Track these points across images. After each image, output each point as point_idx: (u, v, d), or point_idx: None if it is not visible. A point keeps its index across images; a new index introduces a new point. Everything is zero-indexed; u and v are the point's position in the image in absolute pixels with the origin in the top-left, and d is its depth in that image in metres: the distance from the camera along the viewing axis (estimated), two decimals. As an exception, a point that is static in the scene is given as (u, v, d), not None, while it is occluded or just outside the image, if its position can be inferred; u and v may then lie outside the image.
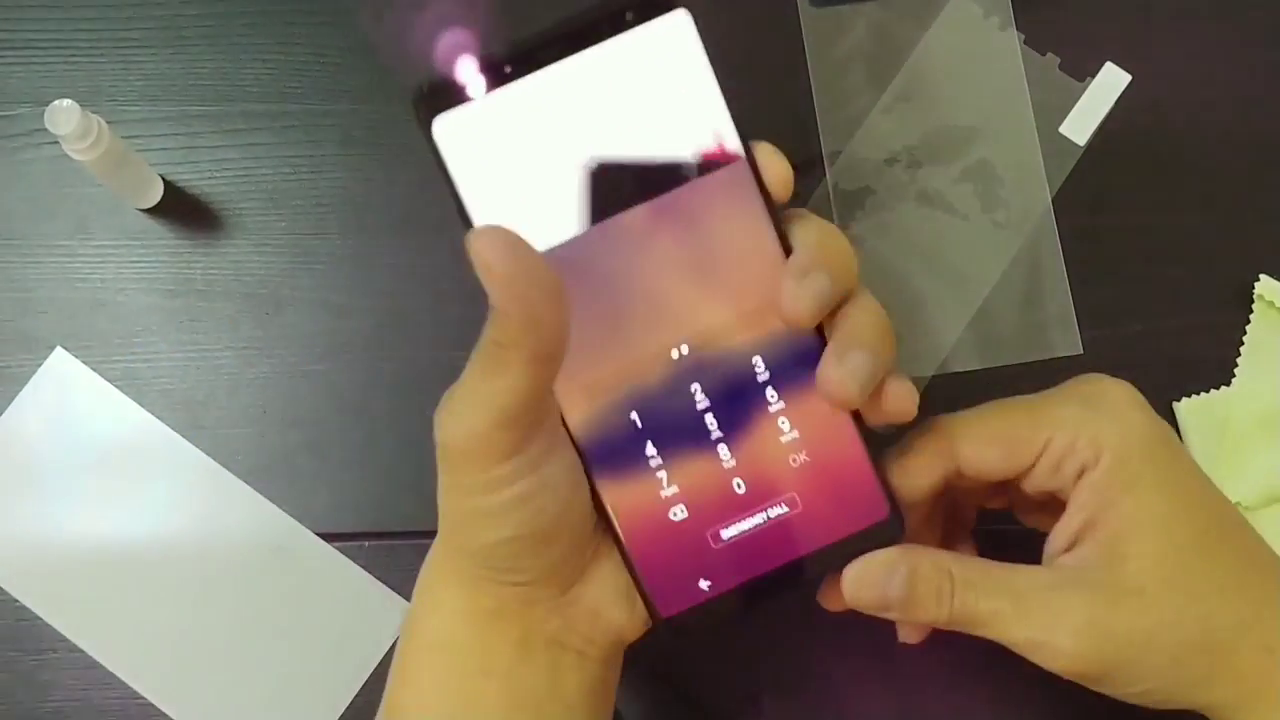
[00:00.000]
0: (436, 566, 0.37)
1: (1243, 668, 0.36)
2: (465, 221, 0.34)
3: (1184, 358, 0.50)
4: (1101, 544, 0.36)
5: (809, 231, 0.35)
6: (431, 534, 0.49)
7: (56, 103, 0.43)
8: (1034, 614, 0.36)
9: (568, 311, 0.31)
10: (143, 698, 0.47)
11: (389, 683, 0.38)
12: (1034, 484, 0.38)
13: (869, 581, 0.37)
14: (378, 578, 0.48)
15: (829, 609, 0.39)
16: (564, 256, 0.34)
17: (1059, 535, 0.38)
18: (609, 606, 0.37)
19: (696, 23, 0.35)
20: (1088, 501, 0.37)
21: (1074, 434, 0.37)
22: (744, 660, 0.48)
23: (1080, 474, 0.37)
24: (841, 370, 0.34)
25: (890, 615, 0.37)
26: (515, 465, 0.33)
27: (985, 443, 0.38)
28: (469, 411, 0.32)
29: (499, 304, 0.31)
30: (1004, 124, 0.51)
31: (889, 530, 0.37)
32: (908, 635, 0.41)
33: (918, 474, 0.38)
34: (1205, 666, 0.36)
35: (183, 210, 0.50)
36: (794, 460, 0.36)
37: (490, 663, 0.36)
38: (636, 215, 0.34)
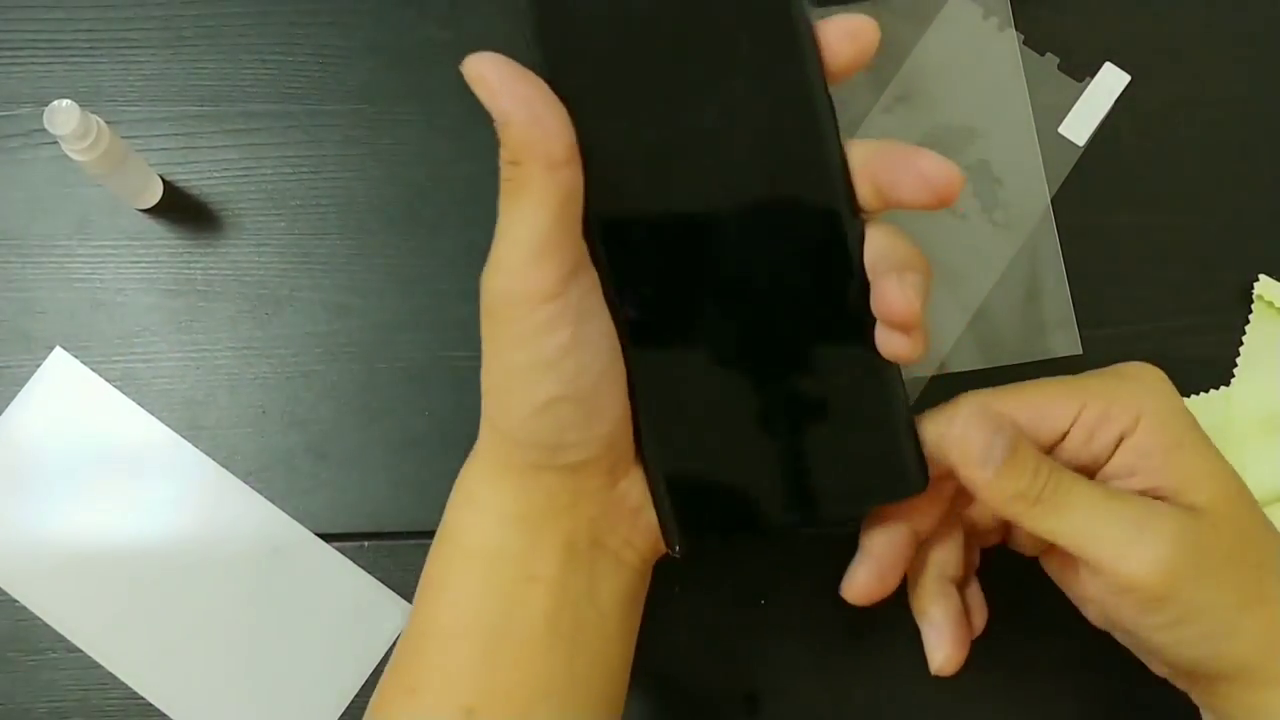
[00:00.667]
0: (479, 470, 0.37)
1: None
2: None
3: (1183, 358, 0.50)
4: (1162, 494, 0.37)
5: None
6: (431, 533, 0.49)
7: (56, 103, 0.43)
8: (1125, 513, 0.36)
9: (567, 117, 0.32)
10: (142, 698, 0.47)
11: (418, 597, 0.38)
12: (1067, 455, 0.38)
13: (974, 435, 0.36)
14: (378, 578, 0.48)
15: (853, 599, 0.39)
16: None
17: None
18: (649, 507, 0.37)
19: None
20: (1135, 465, 0.37)
21: (1108, 402, 0.37)
22: (744, 660, 0.48)
23: (1118, 441, 0.37)
24: (904, 289, 0.35)
25: (976, 479, 0.36)
26: (557, 309, 0.33)
27: (1016, 409, 0.38)
28: (504, 253, 0.33)
29: (500, 111, 0.32)
30: (1003, 124, 0.51)
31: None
32: (947, 656, 0.41)
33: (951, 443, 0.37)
34: (1263, 622, 0.36)
35: (182, 210, 0.50)
36: (834, 406, 0.36)
37: (536, 567, 0.36)
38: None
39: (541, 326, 0.33)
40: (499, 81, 0.33)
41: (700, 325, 0.36)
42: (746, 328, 0.36)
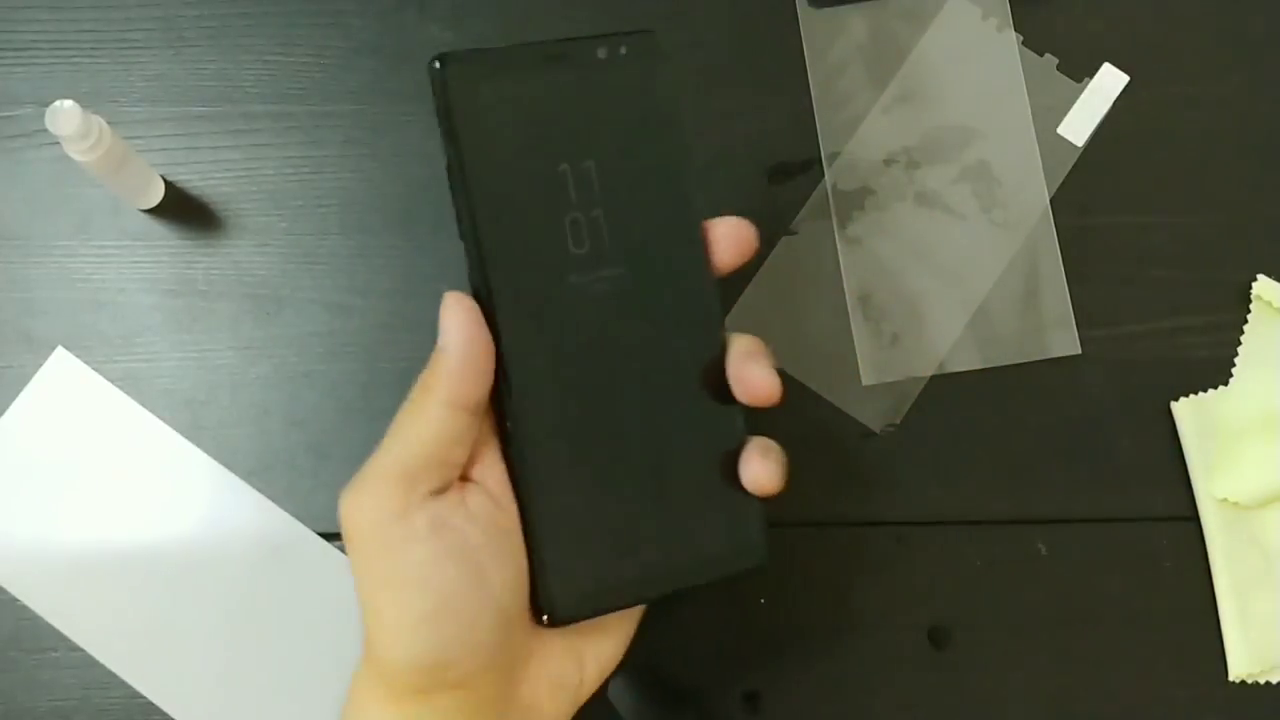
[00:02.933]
0: (369, 704, 0.36)
1: None
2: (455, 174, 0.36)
3: (1181, 358, 0.50)
4: None
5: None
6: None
7: (57, 103, 0.43)
8: None
9: (489, 376, 0.35)
10: (143, 697, 0.47)
11: None
12: None
13: None
14: (378, 577, 0.48)
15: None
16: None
17: None
18: (548, 699, 0.37)
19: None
20: None
21: None
22: (744, 660, 0.48)
23: None
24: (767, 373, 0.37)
25: None
26: (422, 519, 0.34)
27: None
28: (371, 468, 0.35)
29: (443, 340, 0.35)
30: (1002, 125, 0.52)
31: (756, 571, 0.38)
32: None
33: None
34: None
35: (184, 211, 0.50)
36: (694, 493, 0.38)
37: None
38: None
39: (400, 541, 0.34)
40: (456, 317, 0.35)
41: (590, 434, 0.37)
42: (627, 438, 0.37)
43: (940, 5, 0.52)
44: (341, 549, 0.48)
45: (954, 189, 0.51)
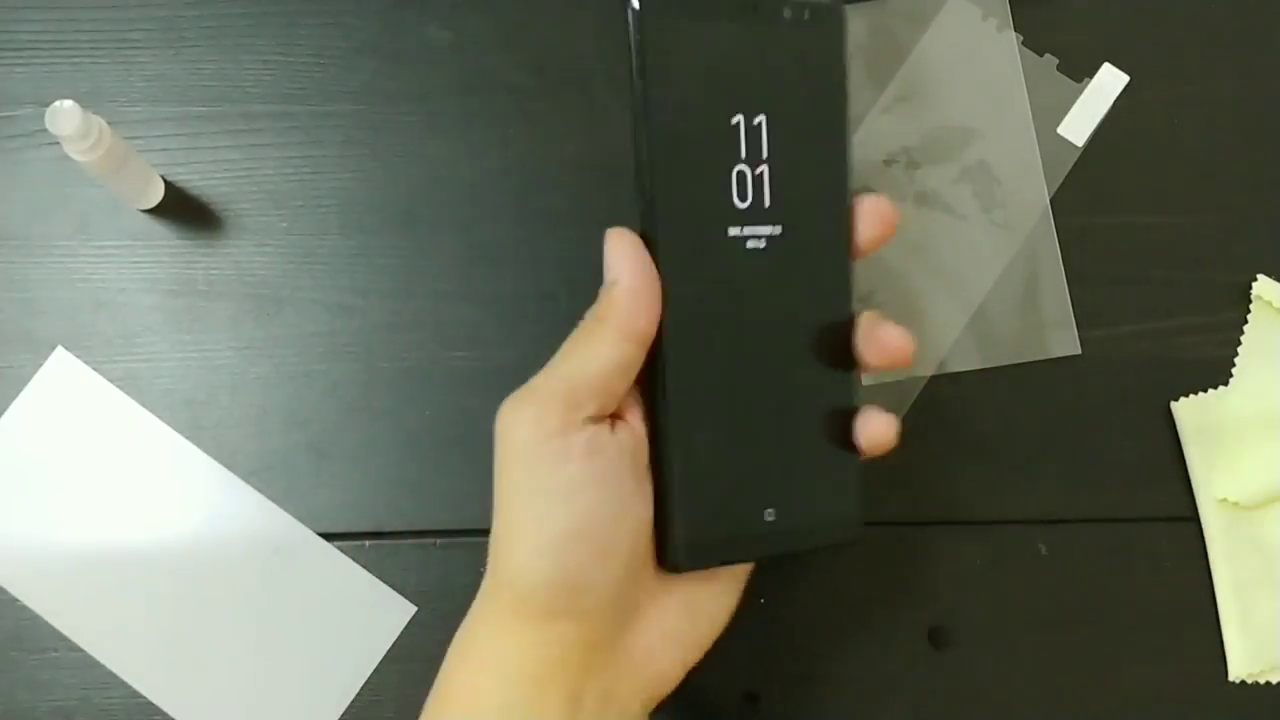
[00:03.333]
0: (481, 626, 0.37)
1: None
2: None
3: (1182, 358, 0.50)
4: None
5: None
6: (431, 533, 0.49)
7: (57, 104, 0.43)
8: None
9: (658, 308, 0.36)
10: (143, 697, 0.47)
11: None
12: None
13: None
14: (378, 578, 0.48)
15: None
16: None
17: None
18: (660, 654, 0.37)
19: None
20: None
21: None
22: (744, 660, 0.48)
23: None
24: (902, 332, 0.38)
25: None
26: (570, 444, 0.35)
27: None
28: (542, 383, 0.35)
29: (614, 274, 0.36)
30: (1002, 125, 0.52)
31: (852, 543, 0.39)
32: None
33: None
34: None
35: (184, 211, 0.50)
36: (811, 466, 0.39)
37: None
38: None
39: (560, 457, 0.35)
40: (626, 252, 0.36)
41: (730, 398, 0.38)
42: (761, 396, 0.38)
43: (940, 5, 0.52)
44: (340, 549, 0.48)
45: (954, 189, 0.51)
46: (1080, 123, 0.52)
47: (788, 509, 0.38)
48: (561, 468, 0.35)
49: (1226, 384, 0.50)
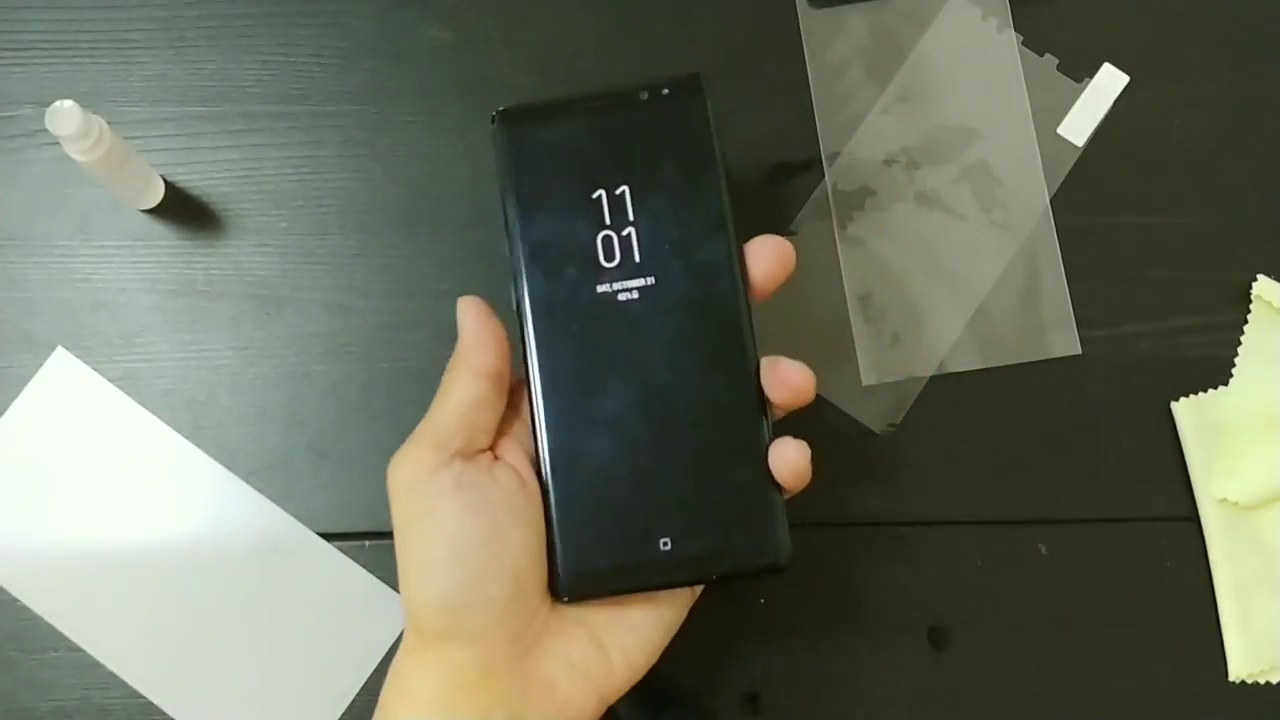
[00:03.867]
0: (404, 652, 0.39)
1: None
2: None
3: (1182, 358, 0.50)
4: None
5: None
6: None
7: (57, 104, 0.43)
8: None
9: (502, 346, 0.40)
10: (143, 697, 0.47)
11: None
12: None
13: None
14: (378, 577, 0.48)
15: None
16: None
17: None
18: (564, 683, 0.38)
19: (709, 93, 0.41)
20: None
21: None
22: (744, 660, 0.48)
23: None
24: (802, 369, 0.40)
25: None
26: (444, 481, 0.38)
27: None
28: (417, 431, 0.39)
29: (460, 324, 0.41)
30: (1002, 125, 0.52)
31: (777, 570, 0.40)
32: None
33: None
34: None
35: (184, 211, 0.50)
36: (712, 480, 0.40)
37: None
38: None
39: (429, 492, 0.38)
40: (469, 310, 0.41)
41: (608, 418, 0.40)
42: (652, 433, 0.40)
43: (940, 5, 0.52)
44: (340, 548, 0.48)
45: (954, 189, 0.51)
46: (1080, 123, 0.52)
47: (687, 539, 0.39)
48: (435, 499, 0.38)
49: (1226, 384, 0.50)
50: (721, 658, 0.48)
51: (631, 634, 0.40)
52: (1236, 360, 0.50)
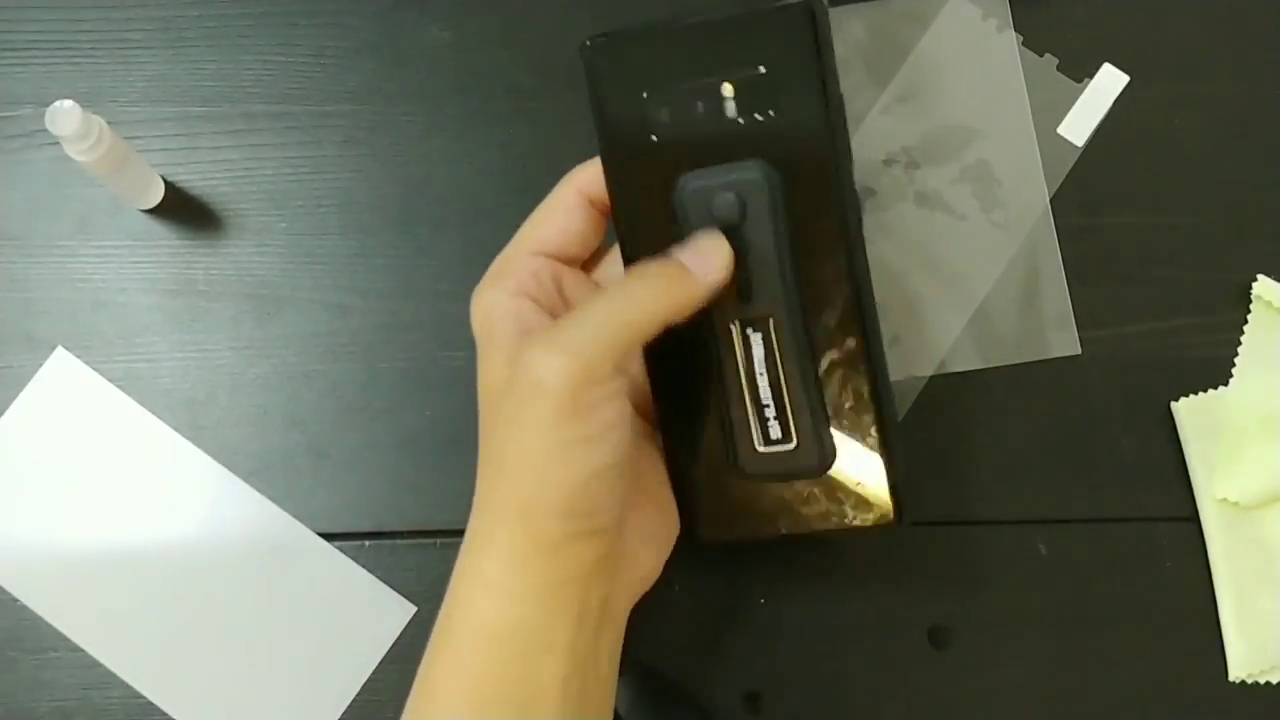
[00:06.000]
0: (488, 553, 0.37)
1: None
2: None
3: (1182, 358, 0.50)
4: None
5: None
6: (431, 533, 0.49)
7: (57, 104, 0.43)
8: None
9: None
10: (143, 697, 0.47)
11: (425, 679, 0.38)
12: None
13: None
14: (378, 577, 0.48)
15: None
16: None
17: None
18: (643, 554, 0.40)
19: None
20: None
21: None
22: (744, 660, 0.48)
23: None
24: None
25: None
26: (614, 387, 0.37)
27: None
28: (573, 351, 0.36)
29: (698, 289, 0.39)
30: (1002, 125, 0.52)
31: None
32: None
33: None
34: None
35: (184, 211, 0.50)
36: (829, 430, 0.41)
37: (553, 635, 0.37)
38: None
39: (599, 403, 0.37)
40: (722, 244, 0.39)
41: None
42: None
43: (940, 5, 0.52)
44: (340, 549, 0.48)
45: (954, 189, 0.51)
46: (1080, 123, 0.52)
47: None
48: (598, 412, 0.36)
49: (1226, 384, 0.50)
50: (721, 658, 0.48)
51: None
52: (1236, 360, 0.50)
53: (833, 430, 0.40)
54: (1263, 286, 0.50)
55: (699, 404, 0.41)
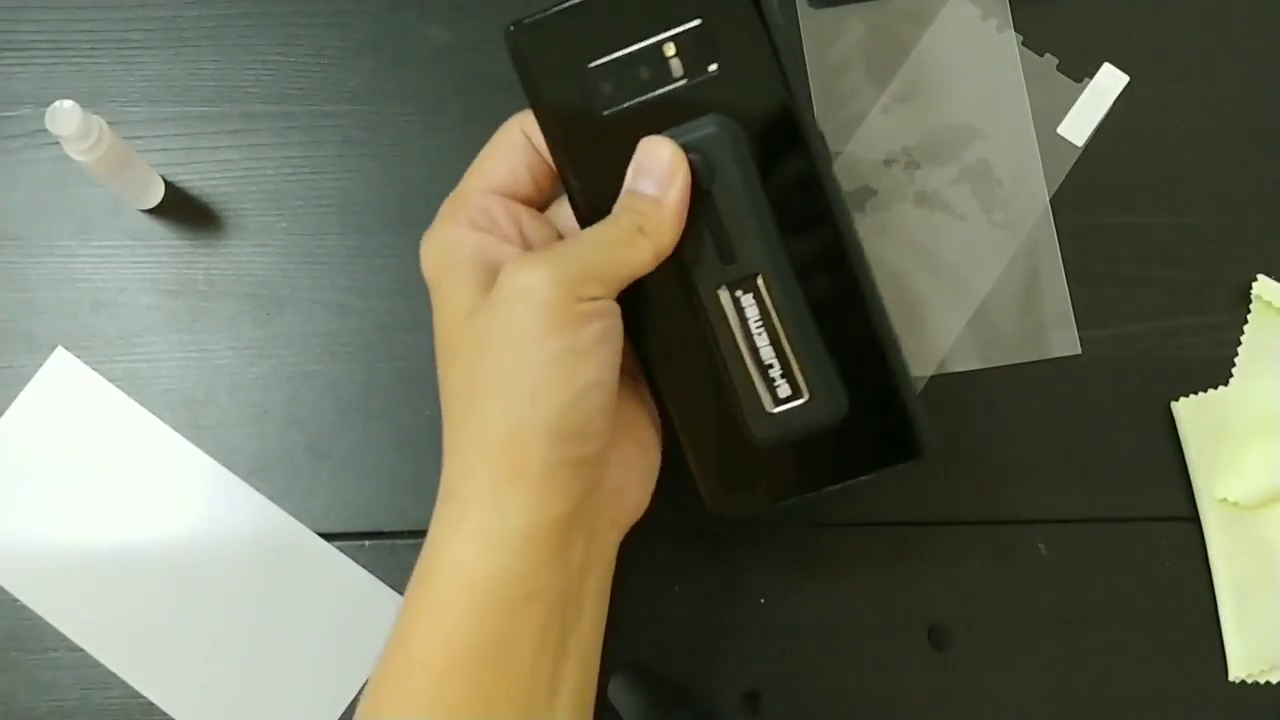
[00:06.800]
0: (471, 491, 0.36)
1: None
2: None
3: (1182, 358, 0.50)
4: None
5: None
6: (432, 533, 0.49)
7: (57, 104, 0.43)
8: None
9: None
10: (143, 697, 0.47)
11: (403, 620, 0.37)
12: None
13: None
14: (378, 578, 0.48)
15: None
16: None
17: None
18: (627, 484, 0.39)
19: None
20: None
21: None
22: (744, 660, 0.48)
23: None
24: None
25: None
26: (605, 301, 0.37)
27: None
28: (562, 261, 0.36)
29: (671, 214, 0.38)
30: (1002, 125, 0.52)
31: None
32: None
33: None
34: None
35: (184, 211, 0.50)
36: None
37: (535, 585, 0.36)
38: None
39: (590, 315, 0.36)
40: (678, 168, 0.38)
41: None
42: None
43: (940, 5, 0.52)
44: (340, 549, 0.48)
45: (954, 189, 0.51)
46: (1080, 123, 0.52)
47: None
48: (589, 324, 0.36)
49: (1226, 384, 0.50)
50: (721, 658, 0.48)
51: (655, 423, 0.42)
52: (1236, 360, 0.50)
53: (840, 375, 0.40)
54: (1263, 286, 0.50)
55: (698, 378, 0.40)
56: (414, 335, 0.50)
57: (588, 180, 0.40)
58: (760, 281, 0.39)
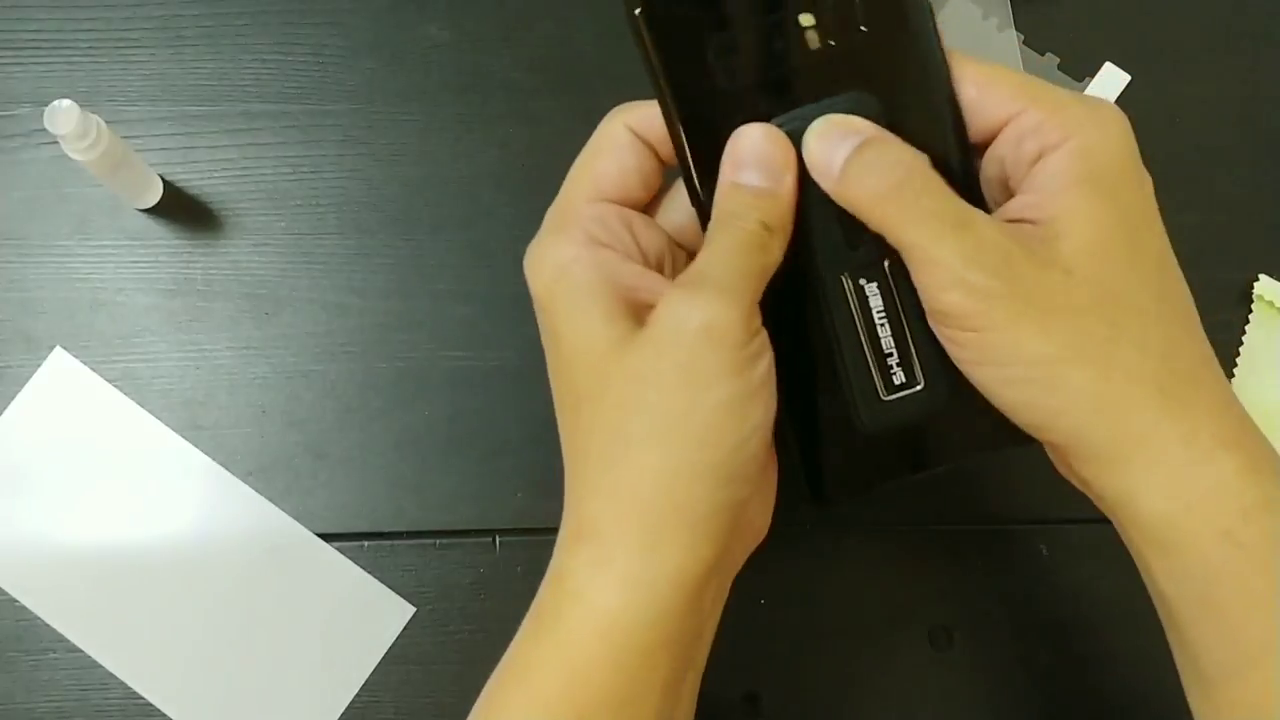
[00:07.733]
0: (618, 534, 0.34)
1: (1123, 405, 0.34)
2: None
3: (1182, 358, 0.50)
4: (1037, 225, 0.34)
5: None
6: (430, 533, 0.49)
7: (56, 103, 0.43)
8: (970, 235, 0.33)
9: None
10: (142, 698, 0.47)
11: (523, 657, 0.35)
12: (994, 156, 0.36)
13: (815, 147, 0.35)
14: (378, 578, 0.48)
15: None
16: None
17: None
18: (762, 513, 0.38)
19: None
20: (1039, 184, 0.34)
21: (1050, 113, 0.34)
22: (744, 660, 0.48)
23: (1038, 158, 0.35)
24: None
25: (828, 188, 0.35)
26: (762, 340, 0.34)
27: (967, 76, 0.37)
28: (730, 290, 0.33)
29: (789, 204, 0.35)
30: (1002, 124, 0.51)
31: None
32: None
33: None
34: (1094, 384, 0.34)
35: (182, 210, 0.50)
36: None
37: (675, 630, 0.34)
38: None
39: (761, 352, 0.34)
40: (783, 161, 0.35)
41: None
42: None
43: (940, 5, 0.52)
44: (340, 549, 0.48)
45: (954, 189, 0.51)
46: (1080, 122, 0.51)
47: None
48: (760, 362, 0.34)
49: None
50: (721, 658, 0.48)
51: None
52: (1236, 360, 0.50)
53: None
54: (1263, 286, 0.50)
55: (808, 369, 0.38)
56: (413, 335, 0.50)
57: (716, 169, 0.36)
58: (887, 267, 0.37)
